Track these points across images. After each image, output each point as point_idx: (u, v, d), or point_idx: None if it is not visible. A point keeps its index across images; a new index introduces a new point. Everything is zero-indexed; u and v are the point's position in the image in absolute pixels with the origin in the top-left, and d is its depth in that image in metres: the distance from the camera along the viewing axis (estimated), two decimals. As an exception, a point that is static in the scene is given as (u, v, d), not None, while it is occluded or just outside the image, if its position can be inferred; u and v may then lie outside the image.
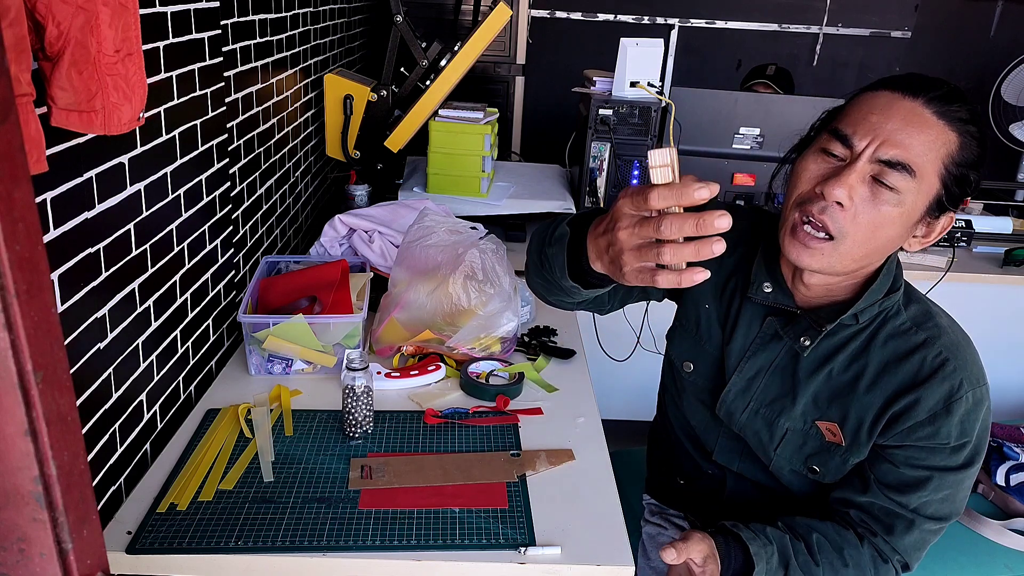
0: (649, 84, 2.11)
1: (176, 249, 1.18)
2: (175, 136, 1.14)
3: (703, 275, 0.69)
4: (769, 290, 1.06)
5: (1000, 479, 1.61)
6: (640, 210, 0.70)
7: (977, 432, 0.98)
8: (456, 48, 2.00)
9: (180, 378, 1.23)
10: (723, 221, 0.65)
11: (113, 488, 1.02)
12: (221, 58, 1.32)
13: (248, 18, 1.47)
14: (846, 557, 1.01)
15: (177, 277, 1.19)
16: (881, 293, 1.00)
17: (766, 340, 1.08)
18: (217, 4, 1.29)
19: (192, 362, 1.27)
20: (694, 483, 1.25)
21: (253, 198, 1.56)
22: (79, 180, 0.89)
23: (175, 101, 1.13)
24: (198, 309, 1.28)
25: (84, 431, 0.94)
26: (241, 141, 1.46)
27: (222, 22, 1.32)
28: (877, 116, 0.90)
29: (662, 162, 0.67)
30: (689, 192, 0.66)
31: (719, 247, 0.66)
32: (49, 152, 0.81)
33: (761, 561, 0.97)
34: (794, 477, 1.10)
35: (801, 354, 1.05)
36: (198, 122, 1.23)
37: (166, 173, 1.12)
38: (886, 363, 1.00)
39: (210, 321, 1.34)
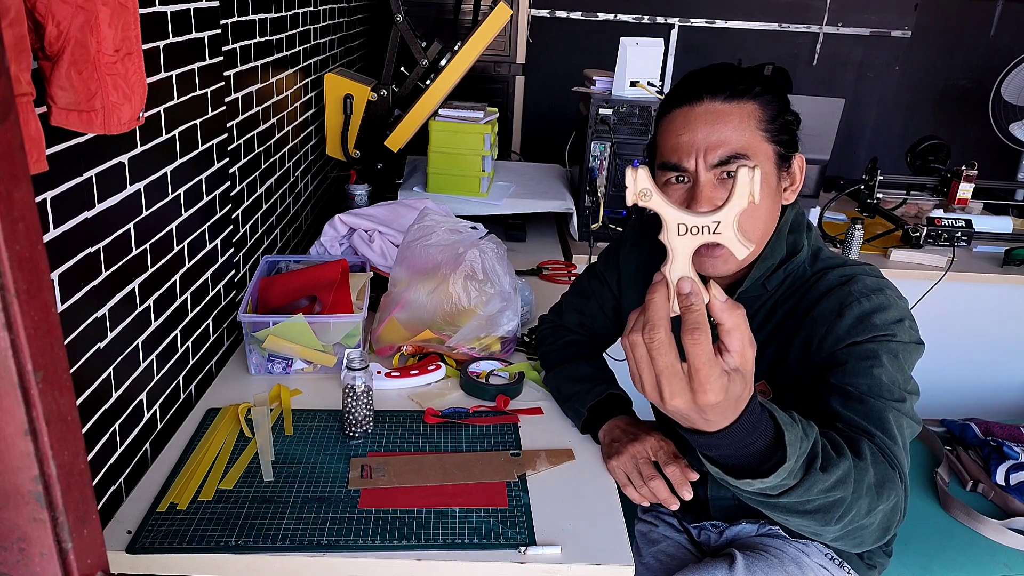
0: (649, 84, 2.11)
1: (176, 249, 1.18)
2: (175, 136, 1.14)
3: (675, 505, 1.06)
4: None
5: (1000, 479, 1.61)
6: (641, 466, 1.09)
7: (882, 319, 0.96)
8: (456, 48, 2.00)
9: (180, 378, 1.23)
10: (686, 491, 1.06)
11: (113, 488, 1.02)
12: (221, 58, 1.32)
13: (248, 18, 1.47)
14: (862, 449, 0.88)
15: (177, 277, 1.19)
16: (775, 259, 1.04)
17: None
18: (217, 4, 1.29)
19: (192, 362, 1.27)
20: None
21: (253, 198, 1.56)
22: (79, 180, 0.89)
23: (175, 101, 1.13)
24: (198, 309, 1.28)
25: (84, 431, 0.94)
26: (241, 141, 1.46)
27: (222, 22, 1.32)
28: (687, 133, 0.99)
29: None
30: (686, 489, 1.06)
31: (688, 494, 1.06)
32: (49, 152, 0.81)
33: (794, 454, 0.75)
34: None
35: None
36: (198, 122, 1.23)
37: (166, 173, 1.12)
38: (800, 316, 1.03)
39: (210, 321, 1.34)
